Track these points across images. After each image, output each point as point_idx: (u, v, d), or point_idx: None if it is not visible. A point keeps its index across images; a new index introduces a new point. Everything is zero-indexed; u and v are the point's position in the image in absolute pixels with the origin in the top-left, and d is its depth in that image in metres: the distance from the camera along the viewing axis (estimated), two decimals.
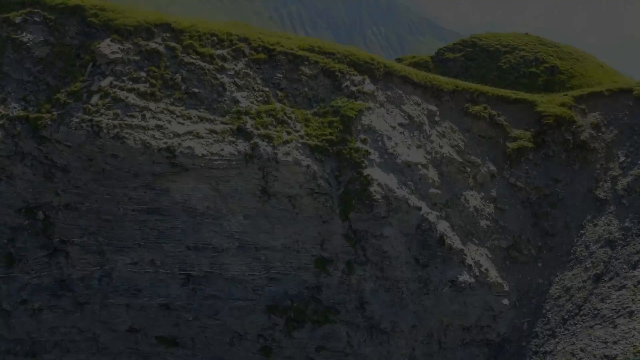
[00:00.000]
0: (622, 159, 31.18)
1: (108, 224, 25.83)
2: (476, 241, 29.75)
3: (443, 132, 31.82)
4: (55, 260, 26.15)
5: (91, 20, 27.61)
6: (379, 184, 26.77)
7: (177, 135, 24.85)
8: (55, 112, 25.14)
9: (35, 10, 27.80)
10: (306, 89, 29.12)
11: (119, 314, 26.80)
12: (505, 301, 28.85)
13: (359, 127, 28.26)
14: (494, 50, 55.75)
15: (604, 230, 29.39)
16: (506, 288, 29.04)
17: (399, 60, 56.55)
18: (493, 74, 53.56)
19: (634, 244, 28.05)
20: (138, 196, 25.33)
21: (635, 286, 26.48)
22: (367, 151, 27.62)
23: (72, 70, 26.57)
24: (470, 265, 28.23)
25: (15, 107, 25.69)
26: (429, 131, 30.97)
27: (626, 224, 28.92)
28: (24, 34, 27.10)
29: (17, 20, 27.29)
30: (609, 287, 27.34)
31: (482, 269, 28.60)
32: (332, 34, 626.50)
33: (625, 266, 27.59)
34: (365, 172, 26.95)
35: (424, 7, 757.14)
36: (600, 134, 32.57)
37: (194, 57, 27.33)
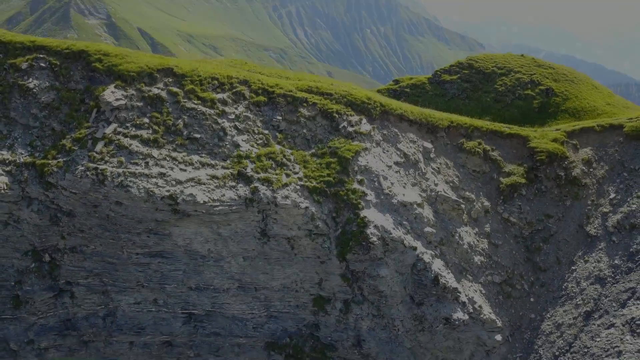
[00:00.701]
0: (612, 195, 31.95)
1: (112, 266, 26.63)
2: (470, 277, 30.56)
3: (438, 168, 32.61)
4: (60, 300, 26.96)
5: (95, 66, 28.36)
6: (375, 226, 27.55)
7: (180, 182, 25.62)
8: (61, 159, 25.88)
9: (41, 55, 28.56)
10: (305, 130, 29.92)
11: (123, 351, 27.62)
12: (499, 337, 29.66)
13: (356, 168, 29.03)
14: (490, 73, 56.59)
15: (594, 267, 30.19)
16: (499, 324, 29.85)
17: (397, 81, 57.43)
18: (489, 96, 54.47)
19: (623, 282, 28.84)
20: (141, 241, 26.12)
21: (623, 325, 27.27)
22: (363, 192, 28.40)
23: (77, 115, 27.32)
24: (464, 303, 29.04)
25: (22, 153, 26.45)
26: (424, 169, 31.76)
27: (615, 262, 29.71)
28: (30, 79, 27.86)
29: (24, 66, 28.05)
30: (598, 325, 28.15)
31: (476, 306, 29.40)
32: (332, 33, 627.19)
33: (614, 304, 28.39)
34: (362, 213, 27.72)
35: (424, 7, 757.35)
36: (591, 170, 33.37)
37: (196, 102, 28.09)
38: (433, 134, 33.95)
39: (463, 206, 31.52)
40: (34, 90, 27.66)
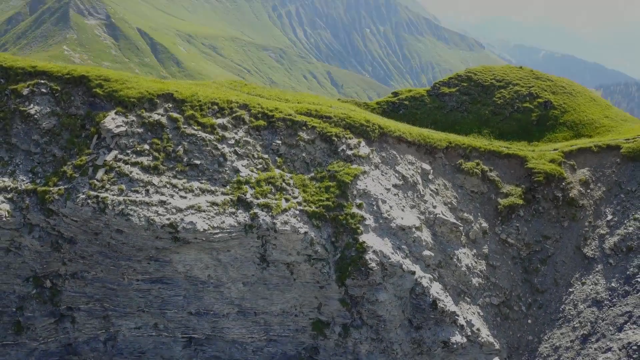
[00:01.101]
0: (609, 217, 32.18)
1: (113, 292, 26.84)
2: (468, 299, 30.80)
3: (436, 189, 32.83)
4: (62, 325, 27.18)
5: (96, 91, 28.54)
6: (374, 251, 27.77)
7: (180, 210, 25.83)
8: (62, 186, 26.07)
9: (41, 81, 28.74)
10: (304, 154, 30.13)
11: None
12: (496, 359, 29.89)
13: (355, 192, 29.25)
14: (489, 85, 56.83)
15: (591, 290, 30.43)
16: (497, 346, 30.08)
17: (396, 94, 57.67)
18: (488, 109, 54.70)
19: (620, 306, 29.09)
20: (142, 267, 26.34)
21: (620, 350, 27.54)
22: (362, 216, 28.61)
23: (78, 141, 27.50)
24: (462, 326, 29.27)
25: (23, 180, 26.64)
26: (423, 190, 31.97)
27: (612, 284, 29.96)
28: (31, 105, 28.04)
29: (25, 92, 28.23)
30: (595, 349, 28.40)
31: (474, 329, 29.64)
32: (331, 33, 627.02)
33: (611, 328, 28.64)
34: (361, 238, 27.94)
35: (423, 7, 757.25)
36: (588, 191, 33.60)
37: (196, 127, 28.29)
38: (431, 154, 34.17)
39: (461, 228, 31.75)
40: (35, 116, 27.84)
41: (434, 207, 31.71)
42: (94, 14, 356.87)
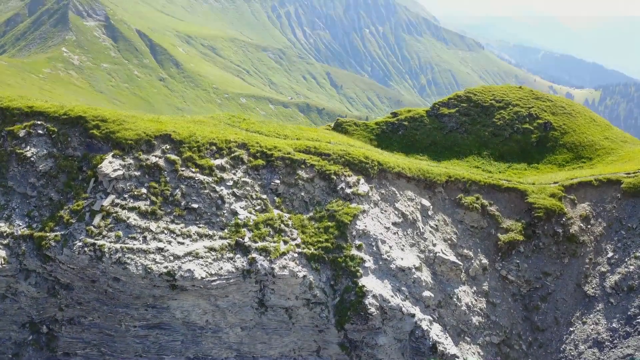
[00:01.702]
0: (610, 254, 31.99)
1: (110, 338, 26.58)
2: (468, 339, 30.60)
3: (436, 225, 32.62)
4: None
5: (93, 133, 28.27)
6: (373, 296, 27.56)
7: (177, 257, 25.59)
8: (58, 232, 25.84)
9: (38, 122, 28.50)
10: (303, 193, 29.92)
11: None
12: None
13: (354, 233, 29.03)
14: (488, 106, 56.64)
15: (592, 330, 30.24)
16: None
17: (395, 114, 57.48)
18: (488, 130, 54.54)
19: (621, 347, 28.92)
20: (139, 314, 26.09)
21: None
22: (362, 259, 28.40)
23: (75, 185, 27.26)
24: None
25: (19, 225, 26.41)
26: (422, 228, 31.76)
27: (613, 325, 29.77)
28: (28, 147, 27.80)
29: (21, 133, 28.00)
30: None
31: None
32: (330, 33, 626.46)
33: None
34: (361, 282, 27.73)
35: (422, 7, 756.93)
36: (589, 227, 33.40)
37: (194, 170, 28.05)
38: (431, 189, 33.96)
39: (461, 266, 31.54)
40: (32, 158, 27.61)
41: (434, 245, 31.50)
42: (92, 15, 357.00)
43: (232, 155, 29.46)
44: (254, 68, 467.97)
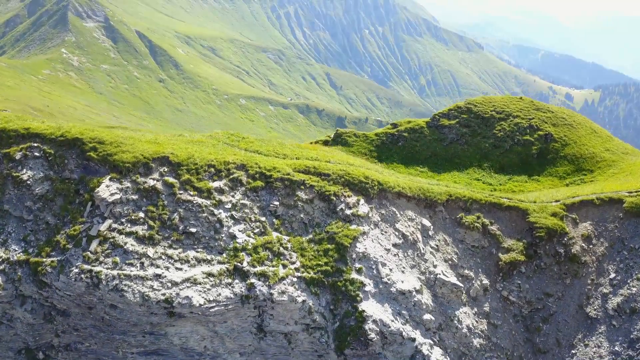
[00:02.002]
0: (612, 275, 31.69)
1: None
2: None
3: (437, 246, 32.33)
4: None
5: (90, 155, 27.96)
6: (374, 321, 27.26)
7: (175, 284, 25.29)
8: (55, 258, 25.54)
9: (35, 144, 28.18)
10: (302, 215, 29.61)
11: None
12: None
13: (354, 255, 28.73)
14: (489, 117, 56.33)
15: (594, 353, 29.94)
16: None
17: (395, 125, 57.19)
18: (488, 142, 54.26)
19: None
20: (137, 341, 25.83)
21: None
22: (362, 282, 28.10)
23: (72, 208, 26.95)
24: None
25: (15, 250, 26.10)
26: (423, 249, 31.47)
27: (616, 348, 29.47)
28: (24, 170, 27.49)
29: (17, 156, 27.68)
30: None
31: None
32: (330, 34, 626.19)
33: None
34: (361, 307, 27.43)
35: (422, 7, 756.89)
36: (591, 247, 33.09)
37: (192, 193, 27.73)
38: (431, 208, 33.67)
39: (462, 287, 31.25)
40: (28, 182, 27.30)
41: (435, 266, 31.21)
42: (92, 16, 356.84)
43: (231, 177, 29.15)
44: (253, 69, 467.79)
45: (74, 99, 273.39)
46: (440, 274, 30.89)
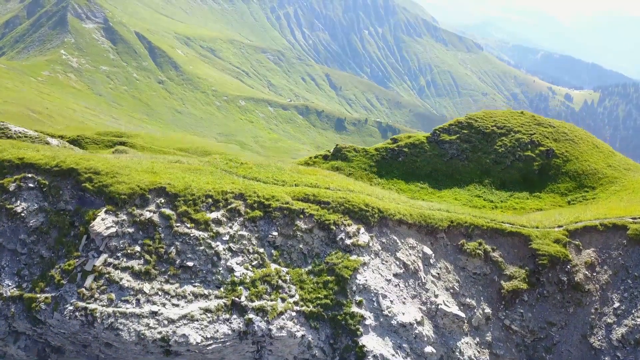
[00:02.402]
0: (616, 304, 31.22)
1: None
2: None
3: (438, 274, 31.84)
4: None
5: (85, 186, 27.45)
6: (374, 356, 26.77)
7: (172, 321, 24.77)
8: (49, 294, 25.02)
9: (29, 174, 27.67)
10: (301, 245, 29.12)
11: None
12: None
13: (354, 288, 28.24)
14: (490, 132, 55.90)
15: None
16: None
17: (395, 140, 56.75)
18: (489, 158, 53.82)
19: None
20: None
21: None
22: (362, 316, 27.61)
23: (66, 241, 26.43)
24: None
25: (9, 285, 25.58)
26: (424, 278, 30.98)
27: None
28: (18, 202, 26.98)
29: (11, 187, 27.17)
30: None
31: None
32: (330, 35, 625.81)
33: None
34: (361, 341, 26.93)
35: (421, 8, 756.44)
36: (594, 274, 32.62)
37: (189, 225, 27.22)
38: (433, 235, 33.18)
39: (464, 317, 30.76)
40: (22, 214, 26.78)
41: (436, 296, 30.72)
42: (91, 17, 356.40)
43: (229, 207, 28.65)
44: (253, 70, 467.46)
45: (74, 100, 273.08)
46: (441, 304, 30.41)
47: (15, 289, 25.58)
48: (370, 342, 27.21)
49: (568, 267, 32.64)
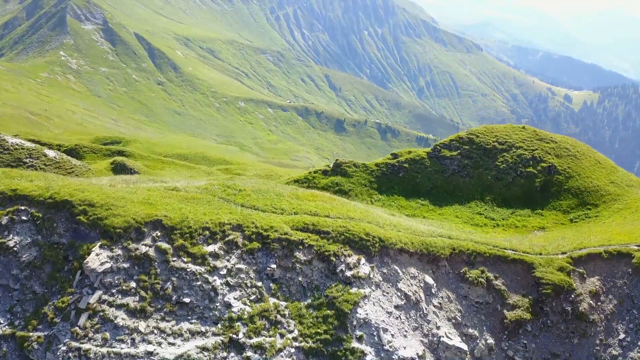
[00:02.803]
0: (621, 335, 30.64)
1: None
2: None
3: (440, 304, 31.26)
4: None
5: (80, 219, 26.83)
6: None
7: None
8: (42, 333, 24.40)
9: (22, 207, 27.05)
10: (300, 278, 28.53)
11: None
12: None
13: (355, 322, 27.64)
14: (491, 148, 55.39)
15: None
16: None
17: (395, 155, 56.21)
18: (490, 174, 53.27)
19: None
20: None
21: None
22: (362, 352, 27.01)
23: (60, 276, 25.82)
24: None
25: (1, 323, 24.96)
26: (426, 309, 30.40)
27: None
28: (11, 236, 26.36)
29: (4, 221, 26.55)
30: None
31: None
32: (329, 35, 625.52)
33: None
34: None
35: (421, 8, 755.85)
36: (599, 304, 32.03)
37: (186, 260, 26.62)
38: (434, 263, 32.59)
39: (467, 349, 30.17)
40: (15, 248, 26.15)
41: (438, 327, 30.12)
42: (91, 18, 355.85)
43: (226, 239, 28.04)
44: (252, 71, 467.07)
45: (73, 102, 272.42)
46: (443, 337, 29.82)
47: (7, 326, 24.96)
48: None
49: (572, 296, 32.07)
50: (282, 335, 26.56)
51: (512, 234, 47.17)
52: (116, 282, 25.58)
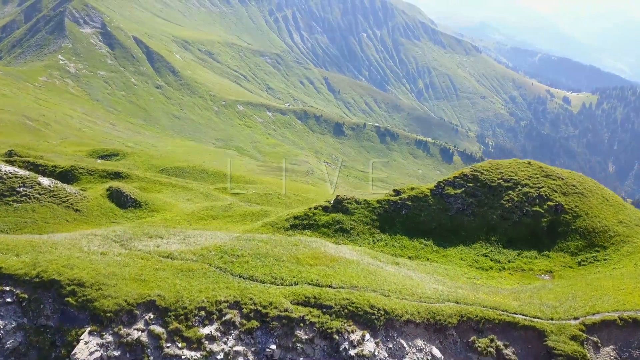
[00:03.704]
0: None
1: None
2: None
3: None
4: None
5: (68, 300, 25.33)
6: None
7: None
8: None
9: (7, 288, 25.54)
10: (301, 358, 27.03)
11: None
12: None
13: None
14: (496, 186, 54.08)
15: None
16: None
17: (397, 192, 54.86)
18: (495, 213, 51.97)
19: None
20: None
21: None
22: None
23: None
24: None
25: None
26: None
27: None
28: None
29: None
30: None
31: None
32: (328, 37, 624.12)
33: None
34: None
35: (420, 10, 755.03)
36: None
37: (180, 345, 25.11)
38: (442, 332, 31.11)
39: None
40: None
41: None
42: (89, 22, 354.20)
43: (223, 319, 26.53)
44: (251, 73, 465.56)
45: (71, 106, 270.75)
46: None
47: None
48: None
49: None
50: None
51: (519, 278, 45.77)
52: None
